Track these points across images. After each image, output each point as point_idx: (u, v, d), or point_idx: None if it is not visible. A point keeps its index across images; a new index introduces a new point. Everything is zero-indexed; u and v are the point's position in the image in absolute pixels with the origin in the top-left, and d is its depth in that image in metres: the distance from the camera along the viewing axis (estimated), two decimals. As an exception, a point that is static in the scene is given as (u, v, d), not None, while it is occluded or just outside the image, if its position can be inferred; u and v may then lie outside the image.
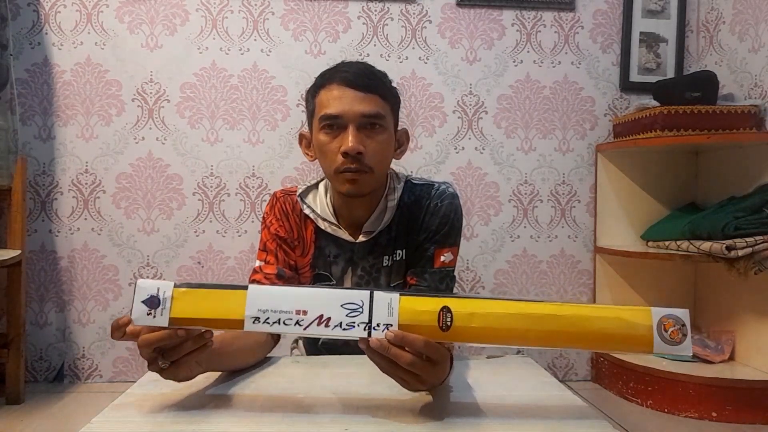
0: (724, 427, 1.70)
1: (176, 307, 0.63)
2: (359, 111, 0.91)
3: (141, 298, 0.63)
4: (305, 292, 0.64)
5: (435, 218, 1.01)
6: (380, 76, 0.97)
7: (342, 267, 1.03)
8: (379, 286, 1.04)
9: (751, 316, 1.87)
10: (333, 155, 0.93)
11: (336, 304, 0.63)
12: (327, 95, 0.93)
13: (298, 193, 1.04)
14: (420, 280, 1.01)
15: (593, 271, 2.17)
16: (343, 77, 0.93)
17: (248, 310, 0.63)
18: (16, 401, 1.78)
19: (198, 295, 0.64)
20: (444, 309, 0.63)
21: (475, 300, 0.64)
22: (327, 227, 1.01)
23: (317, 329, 0.62)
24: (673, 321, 0.64)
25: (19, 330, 1.80)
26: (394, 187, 1.03)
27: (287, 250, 1.03)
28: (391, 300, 0.63)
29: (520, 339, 0.63)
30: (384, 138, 0.94)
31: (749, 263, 1.67)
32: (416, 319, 0.62)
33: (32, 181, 2.00)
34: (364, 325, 0.62)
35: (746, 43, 1.94)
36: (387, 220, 1.00)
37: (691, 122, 1.86)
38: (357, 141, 0.90)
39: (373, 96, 0.92)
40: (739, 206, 1.78)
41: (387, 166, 0.99)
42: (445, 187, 1.05)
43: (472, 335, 0.63)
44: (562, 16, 2.14)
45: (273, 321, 0.63)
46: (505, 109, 2.13)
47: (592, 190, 2.17)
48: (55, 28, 1.99)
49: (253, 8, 2.05)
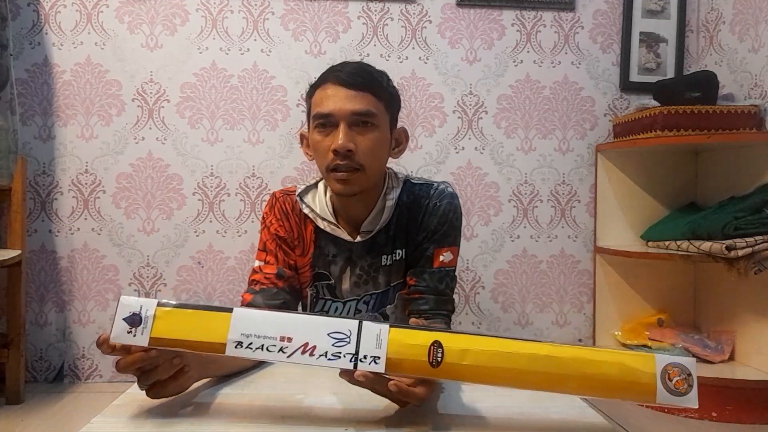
0: (724, 427, 1.70)
1: (158, 327, 0.61)
2: (350, 109, 0.91)
3: (123, 316, 0.62)
4: (291, 319, 0.62)
5: (434, 218, 1.01)
6: (376, 75, 0.97)
7: (341, 266, 1.03)
8: (378, 286, 1.04)
9: (751, 316, 1.87)
10: (325, 153, 0.93)
11: (323, 332, 0.61)
12: (321, 94, 0.94)
13: (298, 193, 1.04)
14: (419, 280, 1.01)
15: (593, 271, 2.17)
16: (336, 76, 0.93)
17: (231, 333, 0.60)
18: (16, 401, 1.78)
19: (181, 316, 0.62)
20: (435, 343, 0.60)
21: (468, 336, 0.61)
22: (326, 226, 1.01)
23: (301, 357, 0.60)
24: (678, 370, 0.60)
25: (19, 330, 1.80)
26: (393, 187, 1.03)
27: (287, 250, 1.03)
28: (380, 331, 0.60)
29: (515, 381, 0.60)
30: (376, 136, 0.94)
31: (749, 263, 1.67)
32: (405, 353, 0.60)
33: (32, 181, 2.00)
34: (351, 356, 0.59)
35: (746, 43, 1.94)
36: (385, 220, 1.00)
37: (691, 122, 1.86)
38: (347, 139, 0.90)
39: (365, 94, 0.93)
40: (739, 206, 1.78)
41: (380, 164, 0.98)
42: (444, 186, 1.05)
43: (463, 373, 0.60)
44: (562, 16, 2.14)
45: (256, 347, 0.60)
46: (505, 109, 2.13)
47: (592, 190, 2.17)
48: (55, 28, 1.99)
49: (253, 8, 2.05)
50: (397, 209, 1.02)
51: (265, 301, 0.97)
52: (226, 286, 2.06)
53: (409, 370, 0.60)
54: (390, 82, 1.00)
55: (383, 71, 0.99)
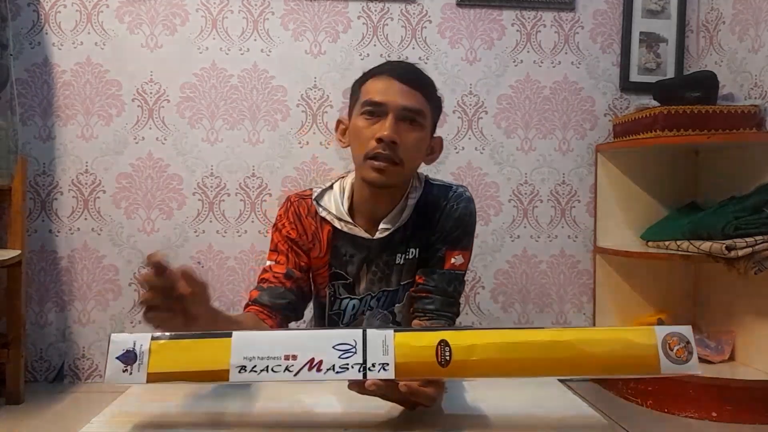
0: (724, 427, 1.70)
1: (154, 362, 0.59)
2: (402, 103, 0.94)
3: (116, 354, 0.59)
4: (293, 335, 0.61)
5: (450, 220, 1.03)
6: (428, 79, 1.00)
7: (357, 265, 1.04)
8: (390, 284, 1.05)
9: (751, 316, 1.87)
10: (367, 140, 0.95)
11: (327, 345, 0.59)
12: (374, 84, 0.97)
13: (314, 197, 1.05)
14: (428, 280, 1.02)
15: (593, 271, 2.17)
16: (392, 69, 0.97)
17: (233, 358, 0.58)
18: (16, 401, 1.78)
19: (178, 347, 0.60)
20: (442, 343, 0.59)
21: (473, 331, 0.61)
22: (343, 227, 1.02)
23: (309, 374, 0.58)
24: (677, 339, 0.61)
25: (19, 330, 1.80)
26: (416, 186, 1.04)
27: (298, 252, 1.03)
28: (385, 337, 0.60)
29: (524, 370, 0.61)
30: (420, 135, 0.97)
31: (749, 263, 1.67)
32: (413, 355, 0.59)
33: (32, 181, 2.00)
34: (359, 366, 0.58)
35: (746, 43, 1.94)
36: (405, 218, 1.02)
37: (691, 122, 1.86)
38: (394, 130, 0.92)
39: (418, 93, 0.96)
40: (739, 206, 1.78)
41: (417, 164, 1.01)
42: (462, 190, 1.06)
43: (472, 369, 0.60)
44: (562, 16, 2.14)
45: (261, 369, 0.58)
46: (505, 109, 2.13)
47: (592, 190, 2.17)
48: (55, 28, 1.99)
49: (253, 8, 2.05)
50: (415, 209, 1.03)
51: (271, 299, 0.97)
52: (226, 286, 2.06)
53: (418, 372, 0.59)
54: (437, 90, 1.03)
55: (431, 79, 1.02)
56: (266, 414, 0.68)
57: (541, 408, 0.71)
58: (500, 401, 0.73)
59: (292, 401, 0.72)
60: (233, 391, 0.75)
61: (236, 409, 0.69)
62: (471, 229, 1.04)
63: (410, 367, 0.59)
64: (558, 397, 0.76)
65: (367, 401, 0.66)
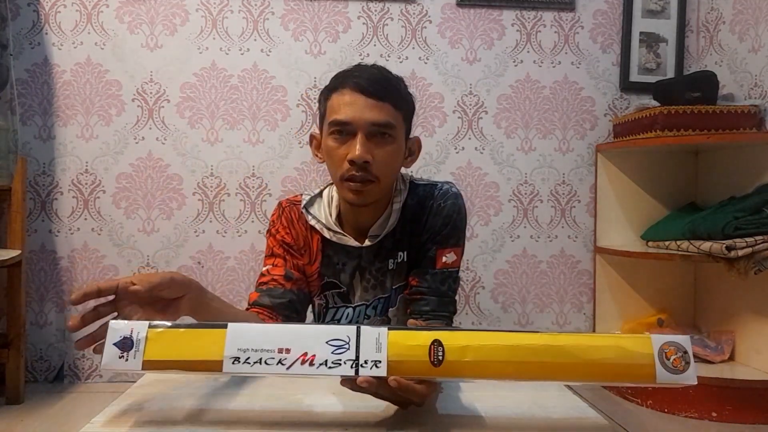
0: (724, 427, 1.70)
1: (150, 349, 0.59)
2: (369, 119, 0.89)
3: (113, 341, 0.60)
4: (288, 329, 0.61)
5: (438, 218, 1.00)
6: (395, 83, 0.94)
7: (350, 273, 1.03)
8: (385, 290, 1.04)
9: (751, 316, 1.87)
10: (340, 161, 0.91)
11: (321, 340, 0.60)
12: (338, 100, 0.91)
13: (303, 204, 1.03)
14: (421, 281, 1.00)
15: (593, 271, 2.17)
16: (356, 82, 0.90)
17: (227, 350, 0.59)
18: (16, 401, 1.78)
19: (174, 336, 0.60)
20: (435, 342, 0.59)
21: (467, 332, 0.61)
22: (332, 236, 1.01)
23: (301, 368, 0.59)
24: (674, 348, 0.60)
25: (19, 330, 1.80)
26: (399, 190, 1.02)
27: (295, 255, 1.02)
28: (379, 335, 0.60)
29: (517, 373, 0.60)
30: (393, 148, 0.93)
31: (749, 263, 1.67)
32: (406, 354, 0.59)
33: (32, 181, 2.00)
34: (351, 363, 0.59)
35: (746, 43, 1.94)
36: (392, 224, 1.00)
37: (691, 122, 1.86)
38: (365, 150, 0.88)
39: (386, 104, 0.90)
40: (739, 206, 1.78)
41: (394, 176, 0.98)
42: (448, 187, 1.04)
43: (465, 370, 0.59)
44: (562, 16, 2.14)
45: (254, 361, 0.59)
46: (505, 109, 2.13)
47: (592, 190, 2.17)
48: (55, 28, 1.99)
49: (253, 8, 2.05)
50: (402, 212, 1.01)
51: (272, 300, 0.97)
52: (226, 286, 2.06)
53: (410, 371, 0.59)
54: (407, 88, 0.98)
55: (400, 76, 0.97)
56: (266, 414, 0.67)
57: (541, 408, 0.71)
58: (500, 401, 0.73)
59: (291, 401, 0.72)
60: (233, 391, 0.75)
61: (236, 408, 0.69)
62: (461, 225, 1.02)
63: (403, 366, 0.59)
64: (558, 397, 0.76)
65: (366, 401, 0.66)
